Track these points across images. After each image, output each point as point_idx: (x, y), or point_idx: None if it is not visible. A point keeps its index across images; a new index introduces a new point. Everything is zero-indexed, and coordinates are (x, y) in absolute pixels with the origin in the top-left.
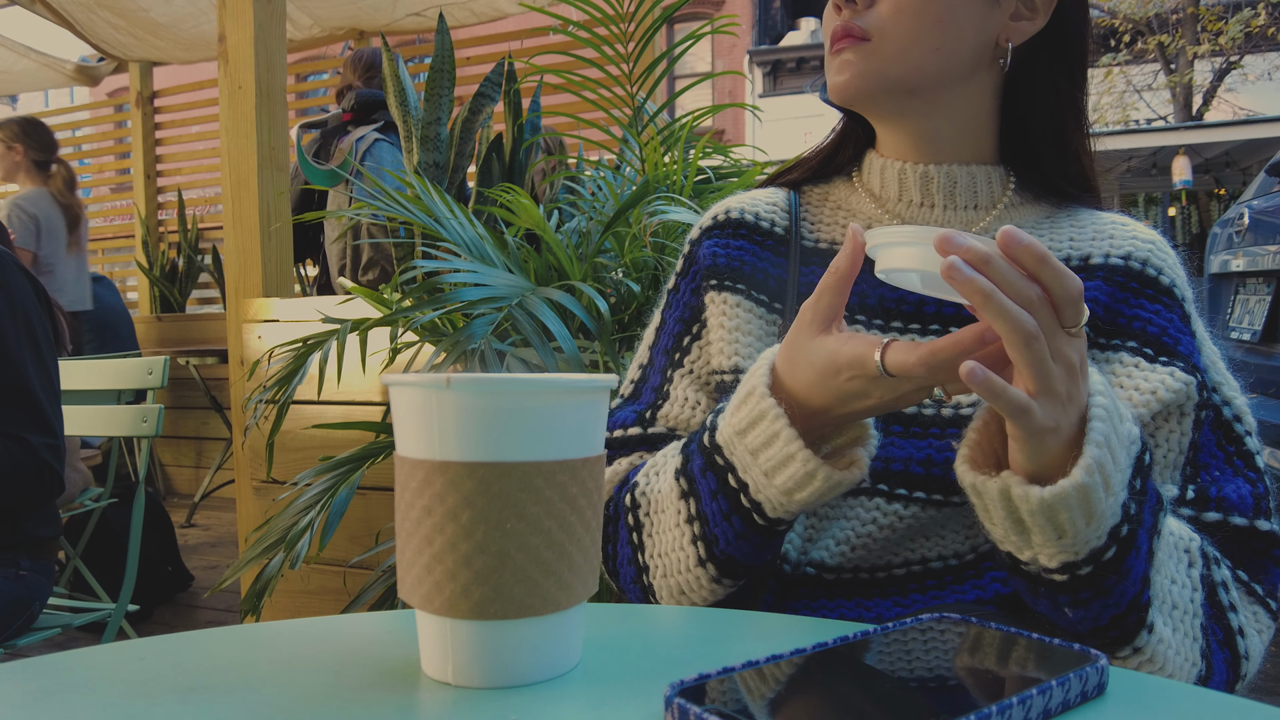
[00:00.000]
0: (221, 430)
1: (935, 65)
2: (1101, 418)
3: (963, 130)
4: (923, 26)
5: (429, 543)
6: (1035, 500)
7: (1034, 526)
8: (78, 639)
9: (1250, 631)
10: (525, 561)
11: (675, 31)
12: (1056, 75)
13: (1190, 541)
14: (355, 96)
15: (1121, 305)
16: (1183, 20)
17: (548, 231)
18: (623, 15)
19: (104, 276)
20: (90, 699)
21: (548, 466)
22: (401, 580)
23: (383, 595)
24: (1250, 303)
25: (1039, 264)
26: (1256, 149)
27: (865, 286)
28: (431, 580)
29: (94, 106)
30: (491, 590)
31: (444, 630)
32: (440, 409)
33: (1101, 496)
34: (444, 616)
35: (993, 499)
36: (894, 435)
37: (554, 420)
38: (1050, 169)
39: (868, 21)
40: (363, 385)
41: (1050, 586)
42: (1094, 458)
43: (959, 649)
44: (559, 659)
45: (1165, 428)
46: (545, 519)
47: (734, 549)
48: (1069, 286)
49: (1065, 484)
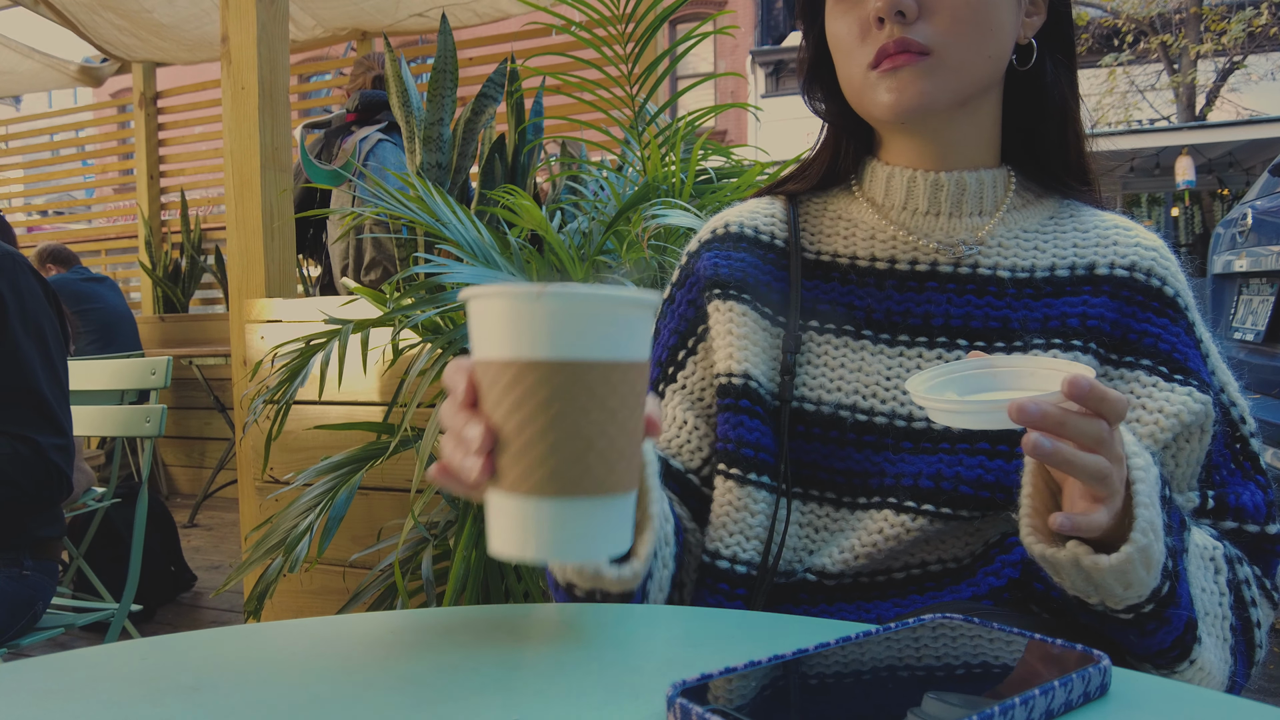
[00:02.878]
0: (224, 430)
1: (988, 73)
2: (1141, 479)
3: (977, 134)
4: (979, 35)
5: (519, 433)
6: (1105, 567)
7: (1103, 585)
8: (81, 639)
9: (1264, 622)
10: (605, 447)
11: (677, 32)
12: (1056, 63)
13: (1215, 550)
14: (359, 96)
15: (1130, 320)
16: (1186, 20)
17: (550, 232)
18: (621, 16)
19: (107, 277)
20: (93, 699)
21: (621, 366)
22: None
23: (382, 595)
24: (1254, 303)
25: (1100, 403)
26: (1260, 149)
27: (871, 301)
28: (523, 465)
29: (97, 107)
30: (578, 471)
31: (531, 510)
32: (534, 315)
33: (1156, 548)
34: (534, 496)
35: (1064, 566)
36: (904, 452)
37: (624, 326)
38: (1052, 162)
39: (924, 35)
40: (365, 385)
41: (1118, 624)
42: (1146, 519)
43: (961, 649)
44: (621, 539)
45: (1188, 447)
46: (620, 410)
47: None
48: (1121, 409)
49: (1128, 549)
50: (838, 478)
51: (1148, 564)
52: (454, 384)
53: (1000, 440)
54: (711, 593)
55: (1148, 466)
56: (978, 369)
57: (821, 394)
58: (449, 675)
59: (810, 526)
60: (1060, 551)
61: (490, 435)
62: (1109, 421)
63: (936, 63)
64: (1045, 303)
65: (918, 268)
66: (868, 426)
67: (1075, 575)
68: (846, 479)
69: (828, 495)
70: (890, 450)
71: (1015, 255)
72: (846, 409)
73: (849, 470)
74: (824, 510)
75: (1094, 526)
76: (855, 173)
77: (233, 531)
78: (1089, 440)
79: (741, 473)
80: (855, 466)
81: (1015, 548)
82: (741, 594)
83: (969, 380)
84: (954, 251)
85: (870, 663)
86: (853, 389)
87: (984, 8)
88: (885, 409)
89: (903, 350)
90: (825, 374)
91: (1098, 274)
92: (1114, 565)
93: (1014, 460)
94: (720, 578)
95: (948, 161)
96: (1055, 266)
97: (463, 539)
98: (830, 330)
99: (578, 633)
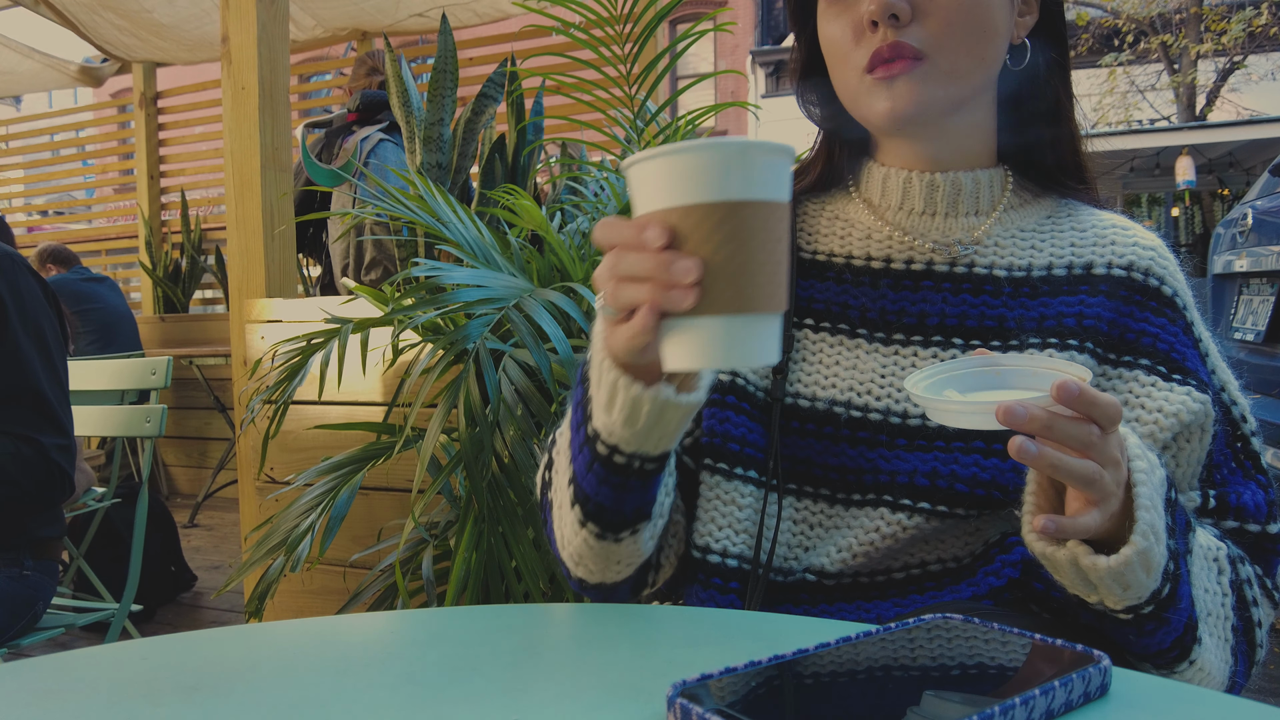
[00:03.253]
0: (224, 430)
1: (982, 75)
2: (1143, 481)
3: (972, 135)
4: (973, 38)
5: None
6: (1103, 568)
7: (1102, 585)
8: (81, 639)
9: (1264, 622)
10: (775, 271)
11: (676, 32)
12: (1049, 62)
13: (1218, 550)
14: (360, 96)
15: (1128, 320)
16: (1186, 20)
17: (550, 232)
18: (618, 16)
19: (107, 277)
20: (93, 698)
21: (784, 205)
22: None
23: (382, 595)
24: (1254, 303)
25: (1090, 407)
26: (1260, 149)
27: (866, 300)
28: (727, 288)
29: (98, 107)
30: (765, 292)
31: (722, 326)
32: (745, 164)
33: (1156, 551)
34: (730, 315)
35: (1063, 565)
36: (899, 449)
37: (790, 174)
38: (1046, 161)
39: (918, 39)
40: (365, 385)
41: (1117, 623)
42: (1146, 521)
43: (961, 649)
44: (776, 350)
45: (1188, 447)
46: (782, 240)
47: (592, 488)
48: (1113, 414)
49: (1127, 551)
50: (831, 474)
51: (1147, 567)
52: (628, 234)
53: (995, 439)
54: (704, 588)
55: (1151, 469)
56: (980, 367)
57: (816, 390)
58: (449, 675)
59: (805, 523)
60: (1060, 551)
61: (701, 265)
62: (1100, 426)
63: (931, 67)
64: (1042, 302)
65: (913, 267)
66: (862, 423)
67: (1074, 575)
68: (840, 475)
69: (821, 492)
70: (884, 447)
71: (1012, 254)
72: (841, 405)
73: (842, 466)
74: (818, 507)
75: (1081, 530)
76: (852, 174)
77: (233, 532)
78: (1077, 444)
79: (728, 466)
80: (849, 463)
81: (1015, 547)
82: (735, 588)
83: (970, 379)
84: (950, 251)
85: (870, 663)
86: (847, 386)
87: (977, 10)
88: (880, 406)
89: (898, 349)
90: (820, 371)
91: (1095, 273)
92: (1112, 567)
93: (1010, 459)
94: (712, 572)
95: (943, 162)
96: (1052, 266)
97: (463, 540)
98: (825, 328)
99: (578, 633)
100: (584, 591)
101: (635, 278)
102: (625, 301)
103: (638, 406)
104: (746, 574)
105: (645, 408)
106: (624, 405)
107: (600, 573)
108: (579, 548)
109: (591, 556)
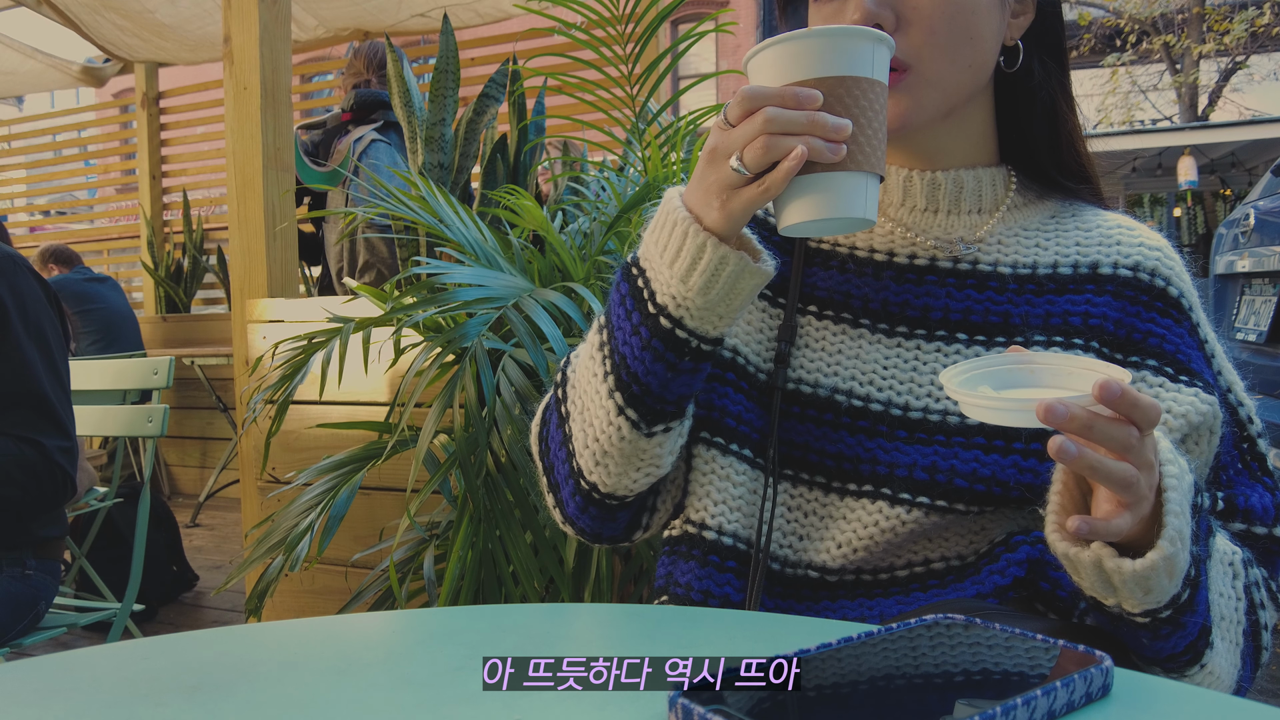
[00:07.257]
0: (226, 430)
1: (970, 82)
2: (1174, 486)
3: (968, 138)
4: (958, 46)
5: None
6: (1128, 572)
7: (1123, 589)
8: (83, 638)
9: (1269, 625)
10: (884, 141)
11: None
12: (1044, 63)
13: (1234, 555)
14: (354, 96)
15: (1134, 320)
16: (1188, 20)
17: (551, 233)
18: (620, 16)
19: (109, 277)
20: (95, 698)
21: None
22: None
23: (382, 595)
24: (1256, 303)
25: (1131, 409)
26: (1262, 149)
27: (869, 290)
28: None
29: (100, 107)
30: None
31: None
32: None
33: (1181, 557)
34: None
35: (1085, 567)
36: (899, 441)
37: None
38: (1047, 161)
39: (901, 49)
40: (366, 385)
41: (1132, 627)
42: (1175, 528)
43: (963, 649)
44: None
45: (1196, 449)
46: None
47: (643, 369)
48: (1153, 417)
49: (1153, 556)
50: (827, 460)
51: (1171, 572)
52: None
53: (998, 435)
54: (701, 565)
55: (1181, 474)
56: (1014, 364)
57: (818, 377)
58: (449, 675)
59: (799, 510)
60: (1084, 552)
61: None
62: (1139, 428)
63: (915, 78)
64: (1047, 299)
65: (916, 261)
66: (863, 412)
67: (1095, 577)
68: (836, 463)
69: (817, 479)
70: (884, 438)
71: (1016, 252)
72: (843, 394)
73: (840, 454)
74: (813, 494)
75: (1113, 532)
76: None
77: (235, 531)
78: (1117, 446)
79: (724, 441)
80: (846, 450)
81: (1021, 546)
82: (732, 566)
83: (1003, 375)
84: (952, 248)
85: (871, 663)
86: (849, 374)
87: (961, 17)
88: (881, 397)
89: (901, 341)
90: (822, 358)
91: (1101, 273)
92: (1137, 571)
93: (1010, 455)
94: (710, 549)
95: (943, 161)
96: (1057, 264)
97: (458, 540)
98: (829, 316)
99: (578, 633)
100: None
101: (790, 131)
102: (777, 152)
103: (721, 267)
104: (742, 554)
105: (729, 268)
106: (707, 267)
107: (619, 476)
108: (607, 442)
109: (618, 452)
